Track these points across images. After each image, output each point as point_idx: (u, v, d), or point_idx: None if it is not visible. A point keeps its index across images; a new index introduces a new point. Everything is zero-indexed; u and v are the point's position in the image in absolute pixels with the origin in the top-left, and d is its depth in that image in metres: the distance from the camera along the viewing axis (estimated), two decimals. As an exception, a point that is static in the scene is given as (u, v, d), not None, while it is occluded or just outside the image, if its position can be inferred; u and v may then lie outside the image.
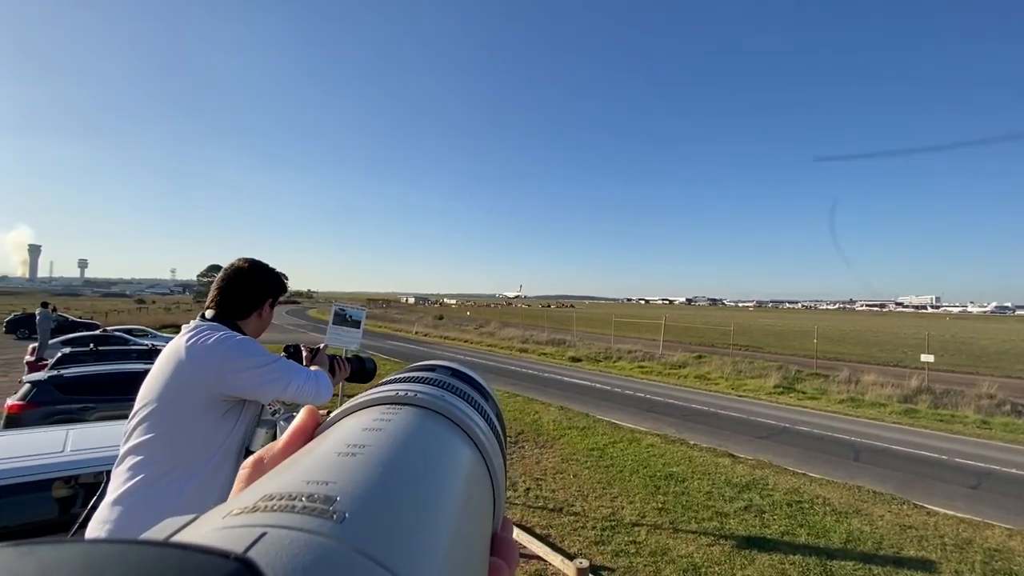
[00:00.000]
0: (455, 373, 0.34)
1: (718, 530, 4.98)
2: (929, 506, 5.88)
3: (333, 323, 7.14)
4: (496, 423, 0.31)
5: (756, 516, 5.32)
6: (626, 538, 4.72)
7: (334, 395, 6.75)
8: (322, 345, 1.88)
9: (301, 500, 0.14)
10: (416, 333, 33.04)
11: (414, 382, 0.29)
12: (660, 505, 5.52)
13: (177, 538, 0.14)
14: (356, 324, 7.22)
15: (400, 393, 0.25)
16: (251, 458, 0.25)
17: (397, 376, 0.32)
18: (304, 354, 1.78)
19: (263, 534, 0.14)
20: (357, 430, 0.20)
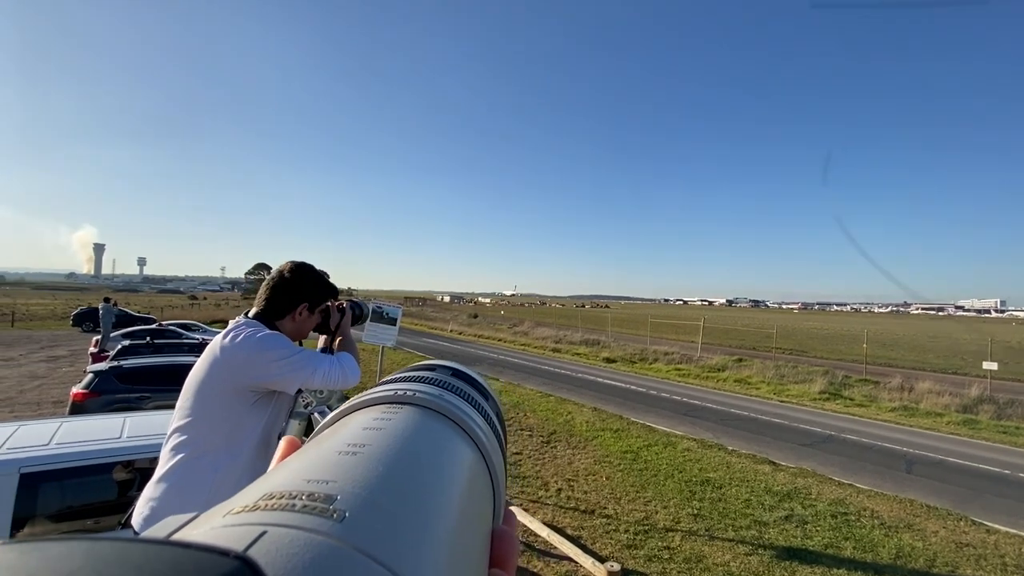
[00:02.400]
0: (455, 372, 0.35)
1: (756, 539, 4.82)
2: (989, 523, 5.50)
3: (371, 320, 7.33)
4: (496, 422, 0.31)
5: (797, 526, 5.12)
6: (659, 543, 4.64)
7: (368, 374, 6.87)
8: (344, 303, 1.81)
9: (301, 499, 0.14)
10: (451, 331, 33.46)
11: (414, 381, 0.30)
12: (695, 511, 5.39)
13: (177, 536, 0.14)
14: (392, 321, 7.38)
15: (400, 392, 0.26)
16: (286, 438, 0.28)
17: (397, 375, 0.33)
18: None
19: (263, 532, 0.14)
20: (358, 429, 0.21)
